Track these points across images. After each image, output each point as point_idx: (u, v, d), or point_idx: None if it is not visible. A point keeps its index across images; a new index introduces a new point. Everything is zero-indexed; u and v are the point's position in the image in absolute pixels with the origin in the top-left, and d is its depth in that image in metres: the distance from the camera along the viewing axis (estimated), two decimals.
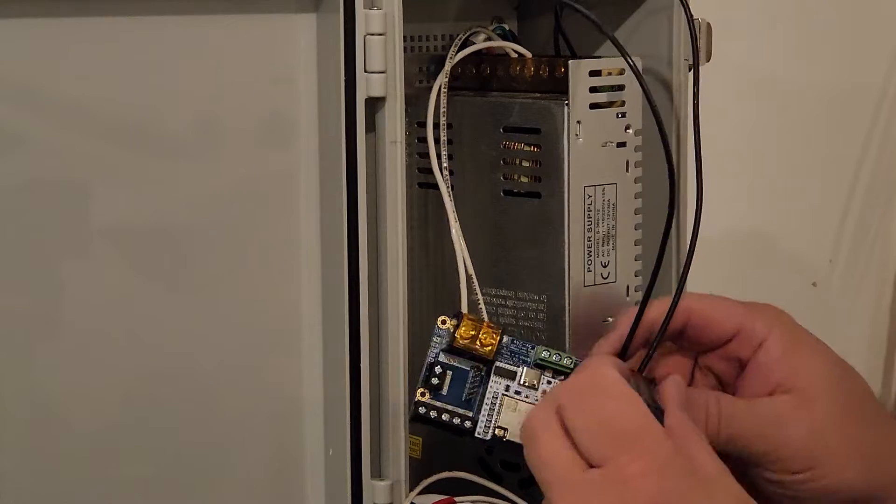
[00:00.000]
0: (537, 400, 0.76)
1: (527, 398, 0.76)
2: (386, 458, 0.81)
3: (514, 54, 0.84)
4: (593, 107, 0.81)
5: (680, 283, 0.77)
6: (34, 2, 0.72)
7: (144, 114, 0.76)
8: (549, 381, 0.76)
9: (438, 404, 0.76)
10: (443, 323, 0.77)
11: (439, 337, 0.77)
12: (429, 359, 0.77)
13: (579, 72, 0.80)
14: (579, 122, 0.80)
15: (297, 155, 0.80)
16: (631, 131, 0.82)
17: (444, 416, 0.76)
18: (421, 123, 0.82)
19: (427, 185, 0.84)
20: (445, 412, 0.76)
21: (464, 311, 0.79)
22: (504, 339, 0.76)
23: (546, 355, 0.76)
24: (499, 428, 0.76)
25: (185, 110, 0.77)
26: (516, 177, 0.82)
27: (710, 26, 0.86)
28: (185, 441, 0.78)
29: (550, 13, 0.88)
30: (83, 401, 0.76)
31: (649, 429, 0.65)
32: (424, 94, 0.82)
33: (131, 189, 0.76)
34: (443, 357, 0.77)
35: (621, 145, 0.82)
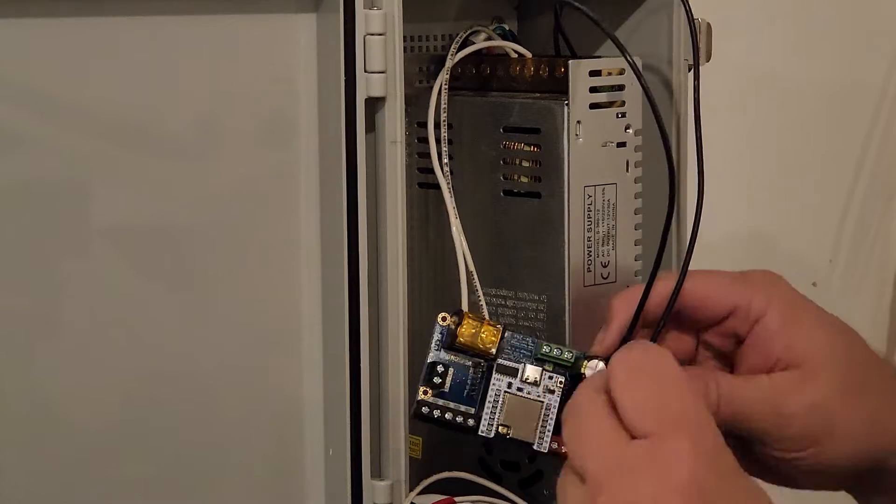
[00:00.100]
0: (539, 396, 0.76)
1: (529, 395, 0.76)
2: (386, 458, 0.80)
3: (514, 54, 0.84)
4: (593, 107, 0.81)
5: (678, 284, 0.77)
6: (34, 2, 0.72)
7: (144, 114, 0.76)
8: (550, 377, 0.76)
9: (441, 402, 0.76)
10: (443, 320, 0.77)
11: (440, 334, 0.77)
12: (430, 356, 0.77)
13: (579, 72, 0.80)
14: (579, 122, 0.80)
15: (297, 155, 0.80)
16: (631, 131, 0.82)
17: (447, 415, 0.76)
18: (421, 123, 0.82)
19: (427, 185, 0.84)
20: (448, 410, 0.76)
21: (464, 308, 0.79)
22: (506, 335, 0.76)
23: (547, 350, 0.76)
24: (502, 426, 0.76)
25: (185, 110, 0.77)
26: (516, 177, 0.82)
27: (710, 26, 0.86)
28: (185, 441, 0.78)
29: (550, 13, 0.88)
30: (83, 401, 0.76)
31: (700, 412, 0.64)
32: (424, 94, 0.82)
33: (131, 189, 0.76)
34: (444, 354, 0.76)
35: (621, 145, 0.82)
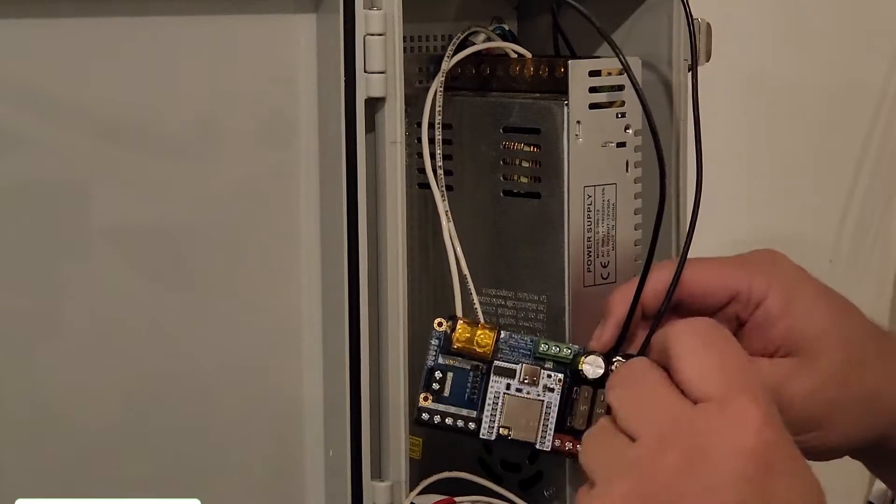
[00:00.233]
0: (539, 395, 0.76)
1: (528, 395, 0.76)
2: (386, 458, 0.80)
3: (513, 54, 0.84)
4: (593, 107, 0.81)
5: (674, 279, 0.77)
6: (34, 2, 0.72)
7: (144, 114, 0.76)
8: (549, 375, 0.76)
9: (441, 408, 0.76)
10: (439, 325, 0.77)
11: (436, 339, 0.77)
12: (428, 362, 0.77)
13: (579, 72, 0.80)
14: (579, 122, 0.80)
15: (297, 155, 0.80)
16: (631, 131, 0.82)
17: (448, 420, 0.76)
18: (420, 124, 0.82)
19: (427, 186, 0.84)
20: (449, 415, 0.76)
21: (458, 313, 0.79)
22: (502, 335, 0.77)
23: (545, 348, 0.76)
24: (503, 427, 0.76)
25: (185, 110, 0.77)
26: (516, 177, 0.82)
27: (709, 26, 0.86)
28: (184, 441, 0.78)
29: (550, 13, 0.88)
30: (83, 401, 0.76)
31: (759, 378, 0.64)
32: (424, 94, 0.82)
33: (131, 189, 0.76)
34: (441, 359, 0.77)
35: (621, 145, 0.82)
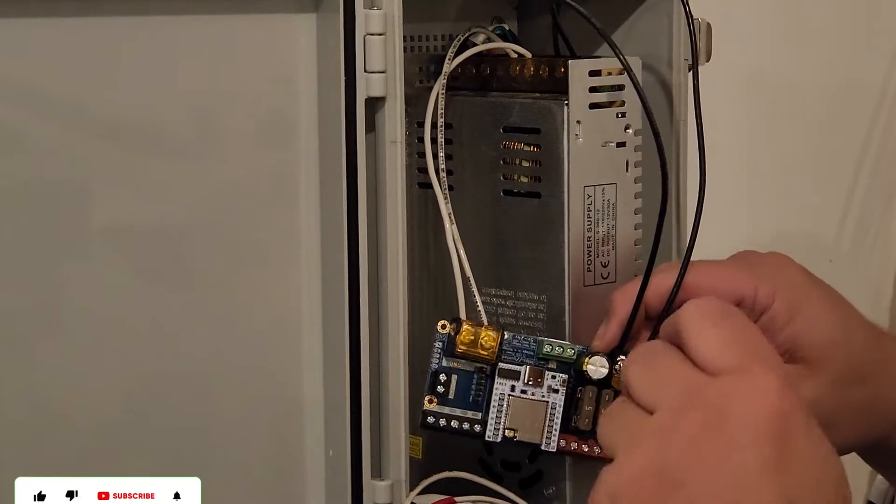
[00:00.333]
0: (544, 396, 0.76)
1: (533, 396, 0.76)
2: (386, 458, 0.80)
3: (513, 54, 0.84)
4: (593, 107, 0.81)
5: (677, 282, 0.77)
6: (34, 2, 0.72)
7: (144, 114, 0.76)
8: (553, 376, 0.77)
9: (447, 410, 0.76)
10: (442, 327, 0.77)
11: (440, 342, 0.77)
12: (432, 365, 0.77)
13: (579, 72, 0.80)
14: (579, 122, 0.80)
15: (296, 155, 0.80)
16: (631, 131, 0.82)
17: (454, 423, 0.77)
18: (421, 123, 0.82)
19: (427, 185, 0.84)
20: (454, 418, 0.77)
21: (462, 315, 0.79)
22: (505, 336, 0.77)
23: (549, 349, 0.76)
24: (508, 429, 0.77)
25: (185, 110, 0.77)
26: (516, 177, 0.82)
27: (709, 26, 0.86)
28: (184, 441, 0.78)
29: (550, 13, 0.88)
30: (83, 401, 0.76)
31: (773, 349, 0.64)
32: (424, 94, 0.82)
33: (131, 189, 0.76)
34: (445, 362, 0.77)
35: (621, 145, 0.82)
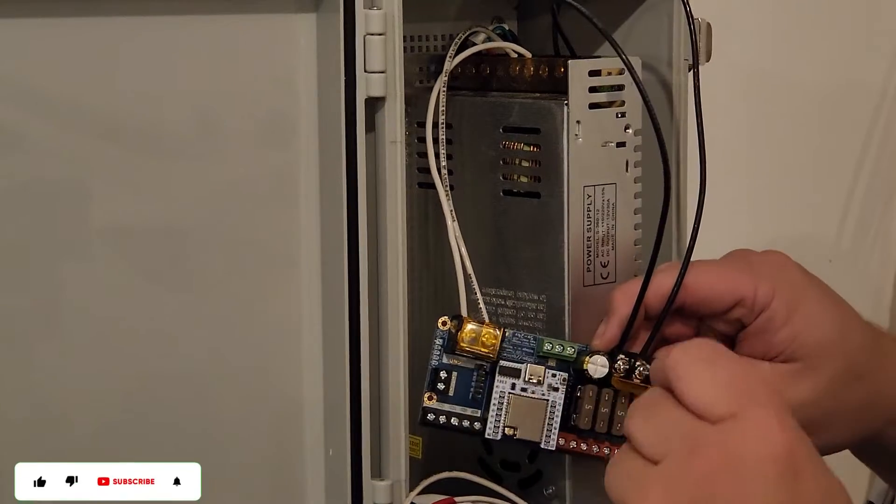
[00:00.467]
0: (544, 395, 0.77)
1: (533, 394, 0.77)
2: (386, 458, 0.80)
3: (513, 54, 0.84)
4: (593, 107, 0.81)
5: (677, 284, 0.77)
6: (34, 2, 0.72)
7: (144, 114, 0.76)
8: (553, 374, 0.77)
9: (446, 407, 0.76)
10: (443, 324, 0.77)
11: (441, 339, 0.77)
12: (432, 362, 0.77)
13: (579, 72, 0.80)
14: (579, 122, 0.80)
15: (296, 155, 0.80)
16: (630, 131, 0.82)
17: (453, 420, 0.77)
18: (421, 123, 0.82)
19: (427, 185, 0.84)
20: (454, 415, 0.77)
21: (463, 312, 0.79)
22: (506, 334, 0.77)
23: (549, 348, 0.77)
24: (508, 427, 0.77)
25: (185, 110, 0.77)
26: (516, 177, 0.82)
27: (710, 26, 0.86)
28: (184, 441, 0.78)
29: (550, 13, 0.88)
30: (83, 401, 0.76)
31: (770, 388, 0.64)
32: (424, 94, 0.82)
33: (131, 189, 0.76)
34: (446, 359, 0.77)
35: (621, 145, 0.82)
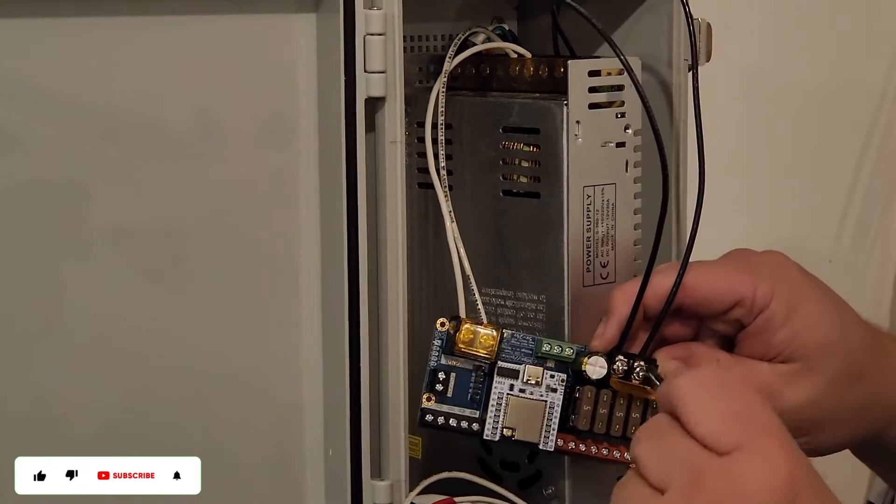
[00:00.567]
0: (542, 396, 0.76)
1: (531, 395, 0.77)
2: (386, 458, 0.80)
3: (513, 54, 0.84)
4: (592, 107, 0.81)
5: (675, 285, 0.77)
6: (34, 2, 0.72)
7: (144, 114, 0.76)
8: (552, 375, 0.77)
9: (445, 408, 0.77)
10: (441, 325, 0.77)
11: (439, 340, 0.77)
12: (430, 363, 0.77)
13: (578, 72, 0.80)
14: (578, 122, 0.80)
15: (296, 155, 0.80)
16: (630, 131, 0.82)
17: (452, 421, 0.77)
18: (420, 123, 0.82)
19: (427, 185, 0.84)
20: (452, 416, 0.77)
21: (461, 313, 0.79)
22: (505, 335, 0.77)
23: (547, 348, 0.77)
24: (506, 428, 0.77)
25: (185, 110, 0.77)
26: (515, 177, 0.82)
27: (709, 26, 0.86)
28: (184, 440, 0.78)
29: (550, 13, 0.88)
30: (83, 401, 0.76)
31: (775, 416, 0.63)
32: (424, 94, 0.82)
33: (131, 189, 0.76)
34: (444, 360, 0.77)
35: (620, 145, 0.82)
